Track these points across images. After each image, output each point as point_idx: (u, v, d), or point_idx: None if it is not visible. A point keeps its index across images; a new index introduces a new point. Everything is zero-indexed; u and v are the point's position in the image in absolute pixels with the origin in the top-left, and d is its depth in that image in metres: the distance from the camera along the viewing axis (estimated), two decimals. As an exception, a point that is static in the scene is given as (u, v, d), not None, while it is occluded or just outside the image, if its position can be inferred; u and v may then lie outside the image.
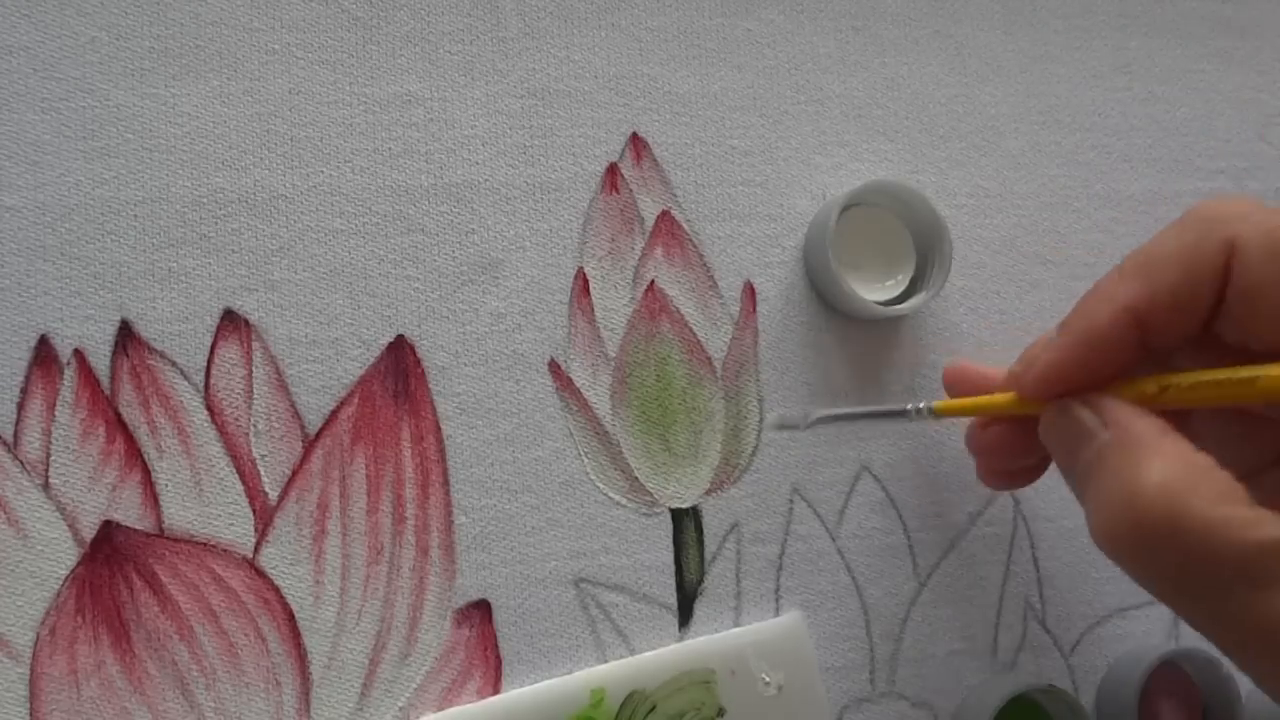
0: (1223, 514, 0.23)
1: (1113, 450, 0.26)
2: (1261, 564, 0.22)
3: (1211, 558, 0.23)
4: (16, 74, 0.34)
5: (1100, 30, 0.43)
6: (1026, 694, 0.36)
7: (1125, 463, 0.25)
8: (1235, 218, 0.25)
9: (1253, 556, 0.22)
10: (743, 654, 0.35)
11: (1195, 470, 0.24)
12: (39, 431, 0.33)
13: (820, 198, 0.39)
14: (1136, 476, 0.24)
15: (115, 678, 0.32)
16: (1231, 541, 0.23)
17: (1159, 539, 0.24)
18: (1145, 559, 0.24)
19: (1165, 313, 0.26)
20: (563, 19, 0.38)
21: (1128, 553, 0.25)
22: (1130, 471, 0.25)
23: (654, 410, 0.37)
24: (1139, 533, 0.24)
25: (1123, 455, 0.25)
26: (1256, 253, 0.24)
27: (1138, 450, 0.25)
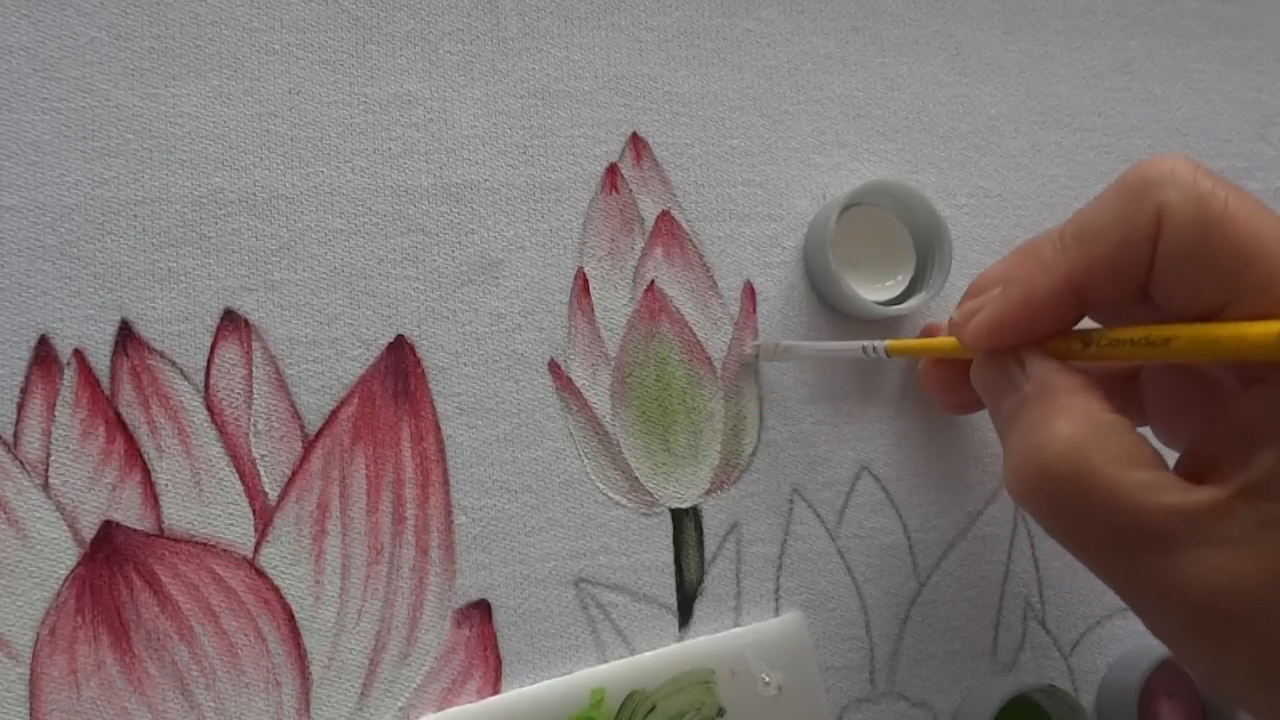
0: (1127, 476, 0.23)
1: (1029, 403, 0.26)
2: (1162, 529, 0.23)
3: (1113, 519, 0.23)
4: (16, 74, 0.34)
5: (1100, 30, 0.43)
6: (1026, 694, 0.36)
7: (1038, 416, 0.25)
8: (1167, 182, 0.25)
9: (1153, 521, 0.23)
10: (743, 654, 0.35)
11: (1103, 429, 0.24)
12: (39, 431, 0.33)
13: (820, 198, 0.39)
14: (1046, 431, 0.25)
15: (115, 678, 0.32)
16: (1134, 504, 0.23)
17: (1063, 495, 0.24)
18: (1050, 513, 0.25)
19: (1102, 282, 0.26)
20: (563, 19, 0.38)
21: (1033, 505, 0.25)
22: (1041, 425, 0.25)
23: (654, 410, 0.37)
24: (1045, 487, 0.25)
25: (1038, 409, 0.26)
26: (1183, 220, 0.24)
27: (1051, 405, 0.25)
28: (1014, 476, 0.26)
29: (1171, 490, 0.23)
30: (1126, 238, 0.25)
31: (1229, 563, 0.22)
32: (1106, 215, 0.26)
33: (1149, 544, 0.23)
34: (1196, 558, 0.22)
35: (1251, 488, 0.22)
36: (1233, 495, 0.23)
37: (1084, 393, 0.26)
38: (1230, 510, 0.22)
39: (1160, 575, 0.23)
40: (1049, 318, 0.27)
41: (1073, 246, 0.26)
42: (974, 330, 0.28)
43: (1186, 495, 0.23)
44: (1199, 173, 0.24)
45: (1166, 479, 0.23)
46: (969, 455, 0.39)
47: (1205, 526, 0.22)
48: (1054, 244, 0.27)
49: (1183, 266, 0.24)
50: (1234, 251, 0.23)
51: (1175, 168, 0.25)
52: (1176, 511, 0.23)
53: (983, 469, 0.39)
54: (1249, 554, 0.22)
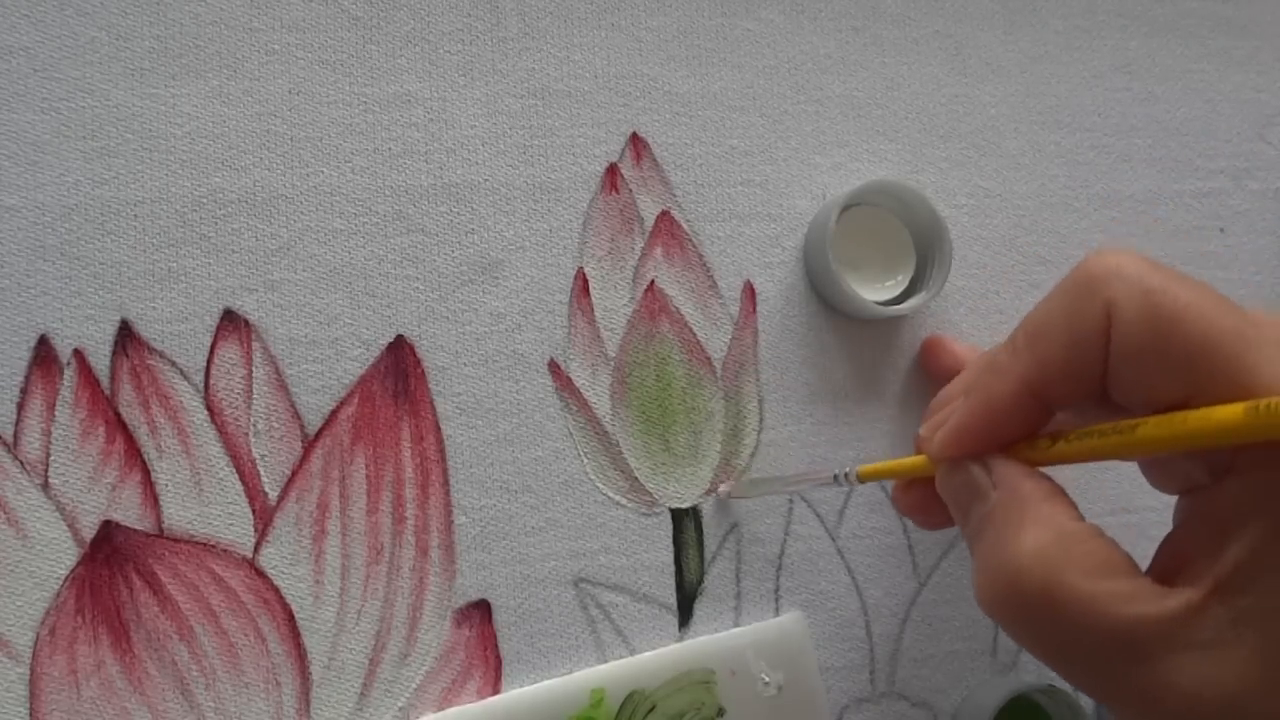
0: (1097, 588, 0.23)
1: (996, 513, 0.26)
2: (1136, 639, 0.22)
3: (1088, 632, 0.23)
4: (16, 74, 0.34)
5: (1100, 30, 0.43)
6: (1026, 694, 0.36)
7: (1006, 528, 0.25)
8: (1114, 278, 0.24)
9: (1127, 632, 0.22)
10: (743, 654, 0.35)
11: (1072, 540, 0.24)
12: (39, 431, 0.33)
13: (820, 198, 0.39)
14: (1015, 543, 0.24)
15: (115, 678, 0.32)
16: (1108, 616, 0.23)
17: (1035, 610, 0.24)
18: (1023, 627, 0.25)
19: (1058, 382, 0.25)
20: (563, 19, 0.38)
21: (1005, 619, 0.25)
22: (1010, 538, 0.25)
23: (654, 410, 0.37)
24: (1016, 601, 0.24)
25: (1004, 519, 0.25)
26: (1131, 317, 0.24)
27: (1019, 515, 0.25)
28: (985, 590, 0.25)
29: (1144, 599, 0.23)
30: (1076, 337, 0.25)
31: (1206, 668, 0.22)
32: (1055, 315, 0.25)
33: (1125, 655, 0.23)
34: (1174, 665, 0.22)
35: (1223, 583, 0.22)
36: (1205, 595, 0.22)
37: (1051, 500, 0.25)
38: (1203, 612, 0.22)
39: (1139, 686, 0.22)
40: (1012, 423, 0.27)
41: (1024, 349, 0.26)
42: (939, 442, 0.28)
43: (1159, 603, 0.22)
44: (1144, 267, 0.24)
45: (1139, 587, 0.23)
46: (969, 455, 0.39)
47: (1180, 633, 0.22)
48: (1006, 349, 0.27)
49: (1136, 363, 0.24)
50: (1187, 346, 0.23)
51: (1121, 263, 0.24)
52: (1150, 621, 0.22)
53: (983, 469, 0.39)
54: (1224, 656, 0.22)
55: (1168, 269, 0.24)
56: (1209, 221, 0.43)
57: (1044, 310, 0.26)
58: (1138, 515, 0.40)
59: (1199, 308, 0.23)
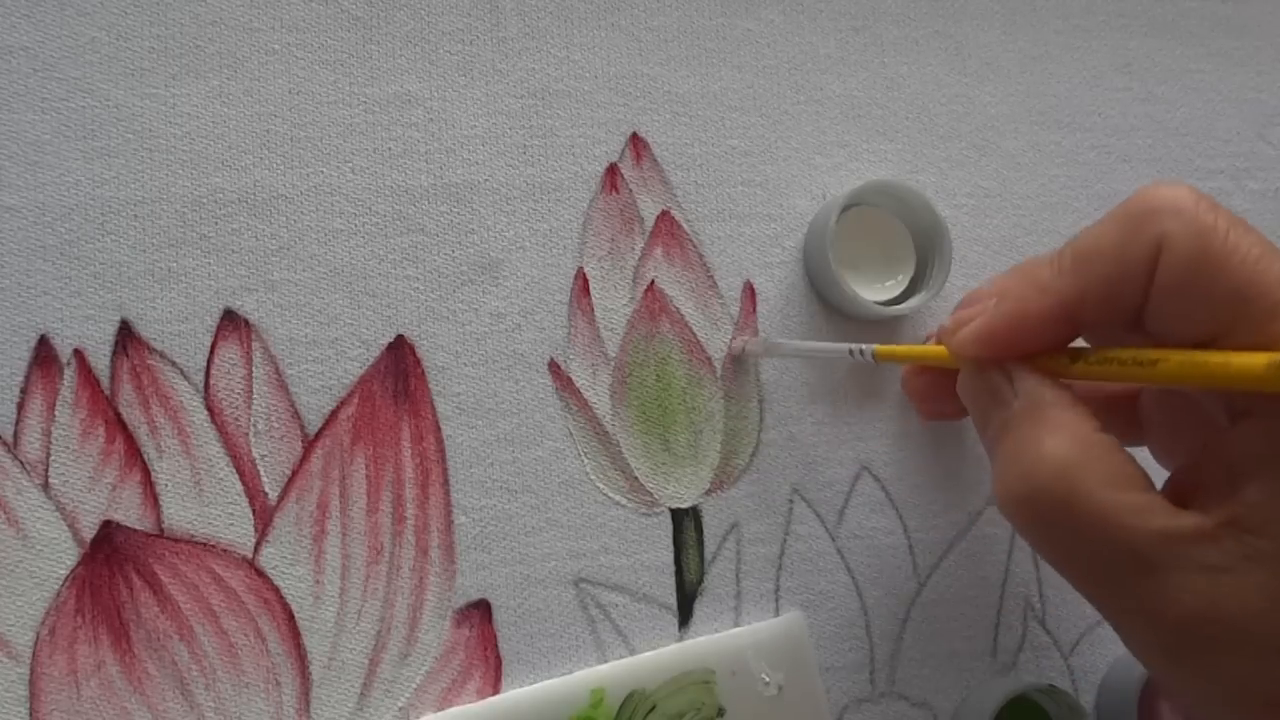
0: (1114, 498, 0.23)
1: (1018, 418, 0.26)
2: (1148, 551, 0.23)
3: (1100, 540, 0.23)
4: (16, 74, 0.34)
5: (1100, 30, 0.43)
6: (1026, 694, 0.36)
7: (1027, 434, 0.25)
8: (1169, 213, 0.24)
9: (1140, 543, 0.23)
10: (743, 654, 0.35)
11: (1092, 449, 0.24)
12: (39, 431, 0.33)
13: (820, 198, 0.39)
14: (1037, 448, 0.25)
15: (115, 678, 0.32)
16: (1122, 526, 0.23)
17: (1052, 515, 0.24)
18: (1038, 531, 0.25)
19: (1097, 306, 0.26)
20: (563, 19, 0.38)
21: (1021, 522, 0.25)
22: (1031, 443, 0.25)
23: (654, 410, 0.37)
24: (1033, 505, 0.25)
25: (1026, 425, 0.26)
26: (1181, 254, 0.24)
27: (1041, 422, 0.25)
28: (1003, 493, 0.26)
29: (1158, 514, 0.23)
30: (1124, 265, 0.25)
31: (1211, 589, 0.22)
32: (1106, 240, 0.26)
33: (1134, 566, 0.23)
34: (1179, 581, 0.23)
35: (1237, 520, 0.23)
36: (1218, 525, 0.23)
37: (1073, 409, 0.25)
38: (1215, 539, 0.23)
39: (1143, 596, 0.23)
40: (1040, 336, 0.27)
41: (1070, 269, 0.26)
42: (963, 338, 0.28)
43: (1173, 520, 0.23)
44: (1202, 204, 0.24)
45: (1154, 502, 0.23)
46: (969, 455, 0.39)
47: (1190, 552, 0.23)
48: (1052, 265, 0.27)
49: (1178, 297, 0.24)
50: (1230, 286, 0.23)
51: (1179, 197, 0.25)
52: (1162, 535, 0.23)
53: (983, 469, 0.39)
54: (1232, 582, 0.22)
55: (1222, 209, 0.25)
56: (1209, 221, 0.43)
57: (1094, 235, 0.26)
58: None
59: (1247, 249, 0.24)
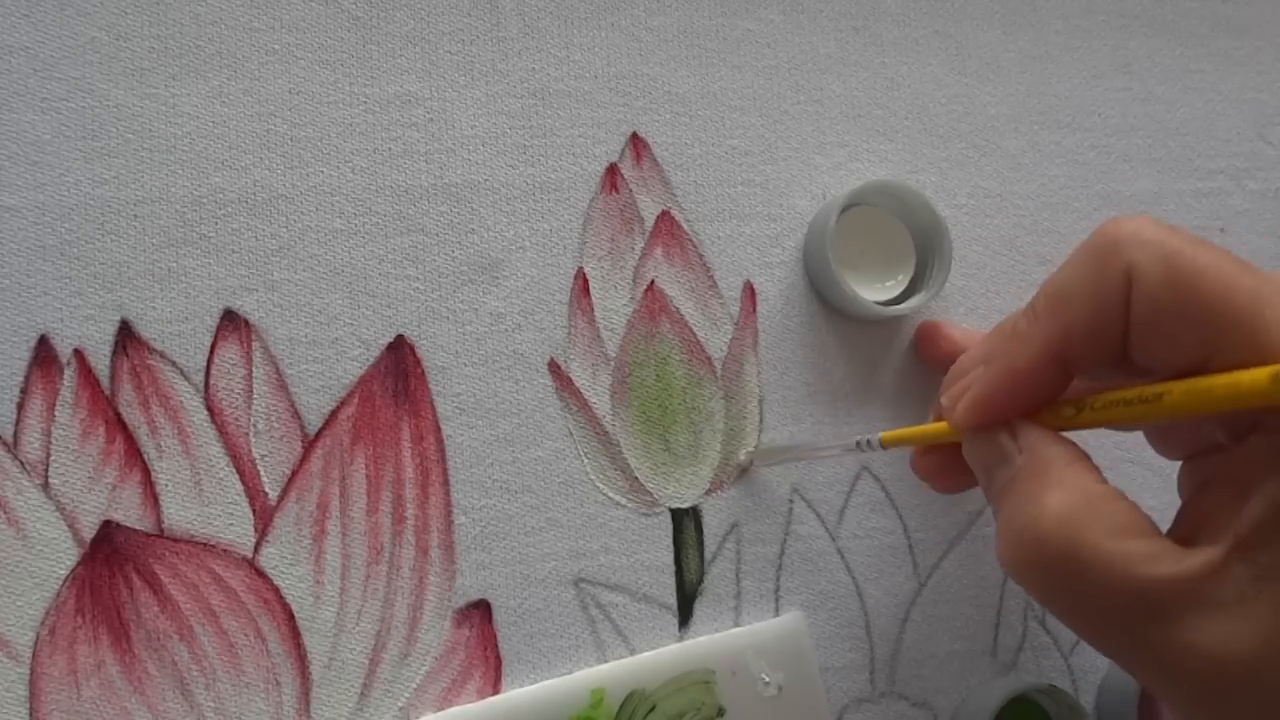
0: (1120, 548, 0.23)
1: (1021, 476, 0.26)
2: (1158, 599, 0.23)
3: (1109, 592, 0.23)
4: (16, 74, 0.34)
5: (1100, 30, 0.43)
6: (1026, 694, 0.36)
7: (1030, 490, 0.25)
8: (1133, 244, 0.24)
9: (1149, 591, 0.23)
10: (743, 654, 0.35)
11: (1095, 501, 0.24)
12: (39, 431, 0.33)
13: (820, 198, 0.39)
14: (1039, 504, 0.25)
15: (115, 678, 0.32)
16: (1129, 576, 0.23)
17: (1057, 569, 0.24)
18: (1046, 587, 0.25)
19: (1080, 346, 0.26)
20: (563, 19, 0.38)
21: (1028, 579, 0.25)
22: (1033, 499, 0.25)
23: (654, 410, 0.37)
24: (1039, 561, 0.24)
25: (1029, 482, 0.26)
26: (1152, 281, 0.24)
27: (1043, 478, 0.25)
28: (1008, 550, 0.25)
29: (1165, 559, 0.23)
30: (1098, 301, 0.25)
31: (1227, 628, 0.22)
32: (1076, 280, 0.26)
33: (1146, 615, 0.23)
34: (1195, 625, 0.22)
35: (1244, 540, 0.22)
36: (1226, 553, 0.22)
37: (1076, 464, 0.25)
38: (1224, 571, 0.22)
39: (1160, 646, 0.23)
40: (1034, 389, 0.27)
41: (1045, 314, 0.26)
42: (962, 411, 0.28)
43: (1180, 563, 0.23)
44: (1163, 231, 0.24)
45: (1160, 547, 0.23)
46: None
47: (1201, 592, 0.22)
48: (1027, 315, 0.27)
49: (1157, 326, 0.24)
50: (1207, 307, 0.23)
51: (1140, 227, 0.25)
52: (1172, 580, 0.22)
53: (983, 469, 0.39)
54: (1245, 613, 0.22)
55: (1186, 232, 0.25)
56: (1209, 221, 0.43)
57: (1064, 275, 0.26)
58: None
59: (1217, 269, 0.23)
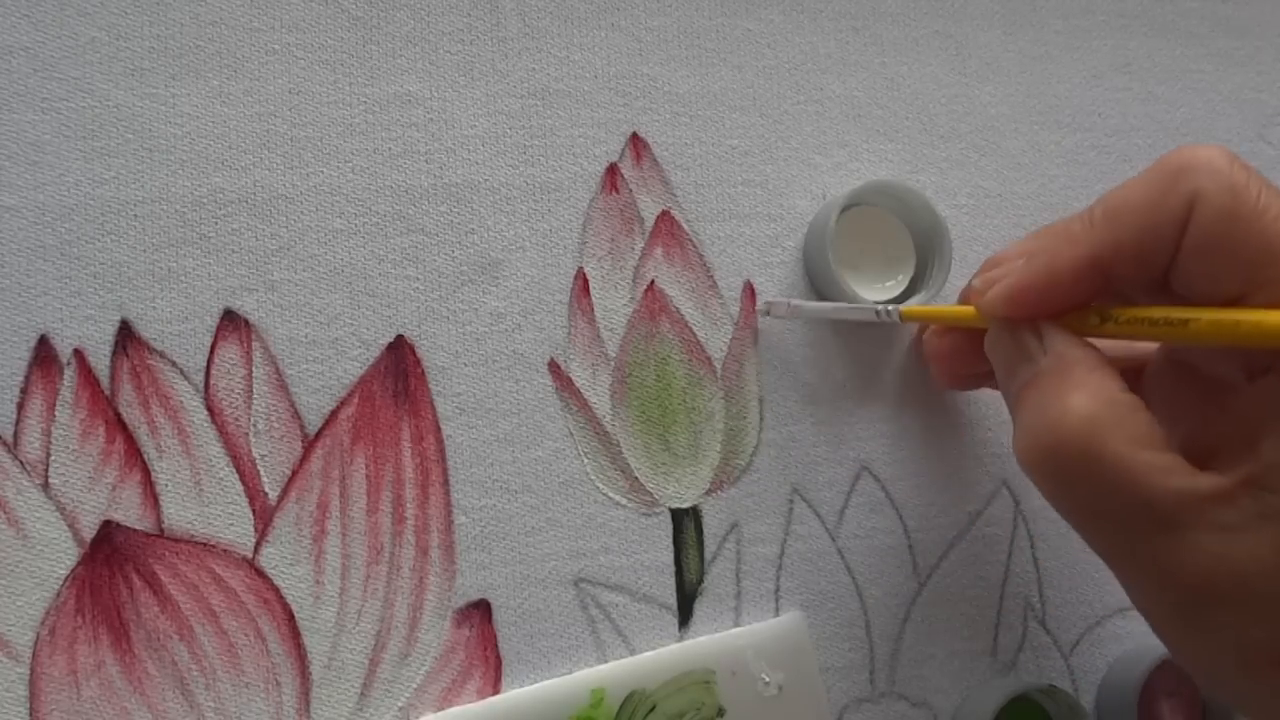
0: (1137, 456, 0.24)
1: (1045, 376, 0.26)
2: (1167, 510, 0.23)
3: (1120, 496, 0.24)
4: (16, 74, 0.34)
5: (1100, 30, 0.43)
6: (1026, 694, 0.36)
7: (1054, 389, 0.26)
8: (1202, 170, 0.25)
9: (1159, 502, 0.23)
10: (743, 654, 0.35)
11: (1118, 408, 0.25)
12: (39, 431, 0.33)
13: (820, 198, 0.39)
14: (1062, 404, 0.25)
15: (115, 678, 0.32)
16: (1143, 484, 0.24)
17: (1073, 469, 0.25)
18: (1059, 486, 0.25)
19: (1127, 261, 0.26)
20: (563, 19, 0.38)
21: (1042, 477, 0.26)
22: (1056, 399, 0.25)
23: (654, 410, 0.37)
24: (1056, 460, 0.25)
25: (1053, 381, 0.26)
26: (1213, 209, 0.24)
27: (1067, 379, 0.26)
28: (1025, 447, 0.26)
29: (1179, 474, 0.24)
30: (1155, 220, 0.25)
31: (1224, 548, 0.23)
32: (1138, 197, 0.26)
33: (1152, 524, 0.23)
34: (1195, 540, 0.23)
35: (1254, 478, 0.23)
36: (1236, 484, 0.23)
37: (1101, 370, 0.26)
38: (1232, 498, 0.23)
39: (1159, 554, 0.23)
40: (1070, 292, 0.27)
41: (1101, 223, 0.27)
42: (994, 296, 0.28)
43: (1193, 480, 0.23)
44: (1235, 164, 0.25)
45: (1175, 462, 0.24)
46: (969, 455, 0.39)
47: (1207, 511, 0.23)
48: (1083, 219, 0.27)
49: (1207, 255, 0.25)
50: (1260, 245, 0.24)
51: (1212, 156, 0.25)
52: (1180, 494, 0.23)
53: (983, 469, 0.39)
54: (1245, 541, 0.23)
55: (1254, 171, 0.25)
56: (1209, 221, 0.43)
57: (1127, 190, 0.26)
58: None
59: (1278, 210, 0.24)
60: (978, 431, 0.39)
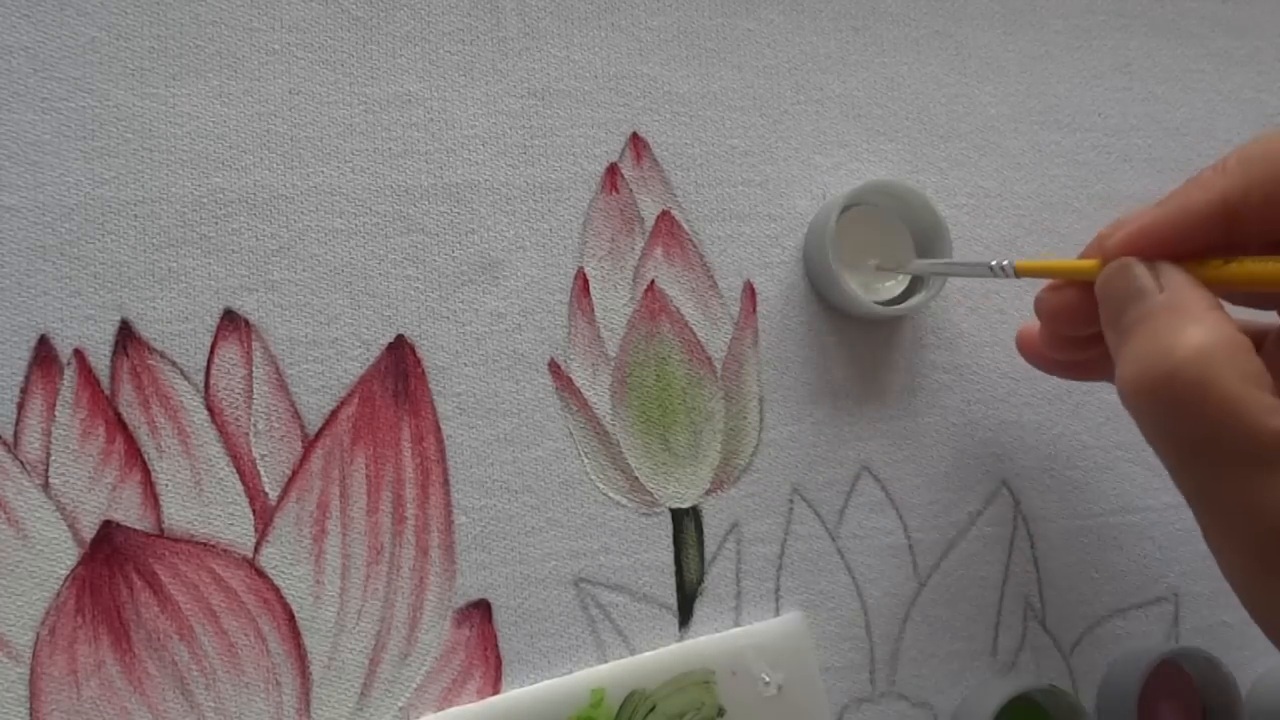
0: (1249, 392, 0.24)
1: (1160, 310, 0.26)
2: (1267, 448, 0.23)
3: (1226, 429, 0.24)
4: (16, 74, 0.34)
5: (1100, 30, 0.43)
6: (1026, 694, 0.36)
7: (1169, 323, 0.26)
8: None
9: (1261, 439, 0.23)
10: (743, 654, 0.35)
11: (1233, 345, 0.25)
12: (39, 431, 0.33)
13: (820, 198, 0.39)
14: (1178, 336, 0.25)
15: (115, 678, 0.32)
16: (1252, 422, 0.24)
17: (1184, 399, 0.25)
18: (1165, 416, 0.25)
19: (1257, 207, 0.26)
20: (563, 19, 0.38)
21: (1150, 407, 0.26)
22: (1172, 331, 0.25)
23: (654, 410, 0.37)
24: (1168, 390, 0.25)
25: (1169, 316, 0.26)
26: None
27: (1184, 314, 0.26)
28: (1134, 375, 0.26)
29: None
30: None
31: None
32: (1276, 146, 0.26)
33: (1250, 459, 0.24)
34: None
35: None
36: None
37: (1218, 309, 0.26)
38: None
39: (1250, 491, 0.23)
40: (1198, 235, 0.27)
41: (1234, 168, 0.27)
42: (1121, 238, 0.28)
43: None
44: None
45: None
46: (969, 455, 0.39)
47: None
48: (1216, 167, 0.27)
49: None
50: None
51: None
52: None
53: (983, 469, 0.39)
54: None
55: None
56: (1209, 221, 0.43)
57: (1264, 140, 0.27)
58: (1138, 515, 0.40)
59: None
60: (978, 431, 0.39)
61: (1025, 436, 0.40)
